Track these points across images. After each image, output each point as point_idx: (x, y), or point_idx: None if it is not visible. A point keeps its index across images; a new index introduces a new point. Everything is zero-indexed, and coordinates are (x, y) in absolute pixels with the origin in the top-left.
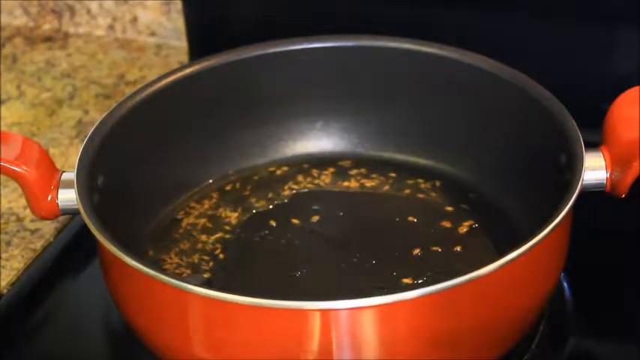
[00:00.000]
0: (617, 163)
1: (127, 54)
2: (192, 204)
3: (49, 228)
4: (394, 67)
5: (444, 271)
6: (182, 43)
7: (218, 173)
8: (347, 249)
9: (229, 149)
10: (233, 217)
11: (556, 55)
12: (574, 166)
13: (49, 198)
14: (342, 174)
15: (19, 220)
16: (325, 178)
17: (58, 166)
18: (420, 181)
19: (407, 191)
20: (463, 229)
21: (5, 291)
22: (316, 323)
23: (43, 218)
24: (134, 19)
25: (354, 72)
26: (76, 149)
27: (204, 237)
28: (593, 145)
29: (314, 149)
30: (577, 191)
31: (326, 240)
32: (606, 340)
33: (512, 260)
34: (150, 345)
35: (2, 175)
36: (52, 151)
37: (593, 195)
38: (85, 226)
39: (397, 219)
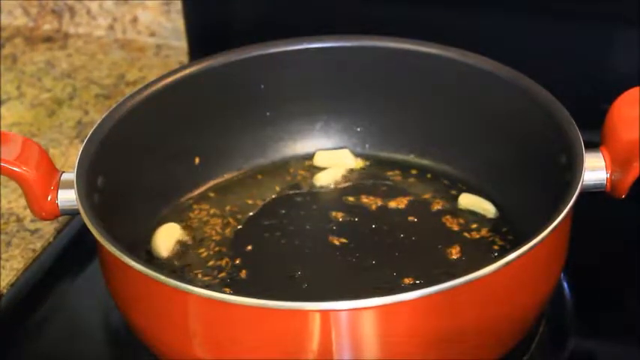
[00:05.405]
0: (617, 163)
1: (127, 54)
2: (192, 204)
3: (49, 228)
4: (394, 67)
5: (444, 272)
6: (182, 43)
7: (218, 173)
8: (347, 249)
9: (229, 149)
10: (232, 217)
11: (556, 55)
12: (574, 167)
13: (48, 198)
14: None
15: (19, 220)
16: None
17: (58, 166)
18: (420, 180)
19: (407, 191)
20: (463, 229)
21: (5, 291)
22: (316, 324)
23: (43, 219)
24: (134, 20)
25: (354, 72)
26: (75, 149)
27: (202, 237)
28: (593, 145)
29: (314, 149)
30: (577, 191)
31: (326, 240)
32: (606, 340)
33: (512, 260)
34: (150, 345)
35: (2, 176)
36: (52, 151)
37: (593, 195)
38: (85, 226)
39: (397, 219)
